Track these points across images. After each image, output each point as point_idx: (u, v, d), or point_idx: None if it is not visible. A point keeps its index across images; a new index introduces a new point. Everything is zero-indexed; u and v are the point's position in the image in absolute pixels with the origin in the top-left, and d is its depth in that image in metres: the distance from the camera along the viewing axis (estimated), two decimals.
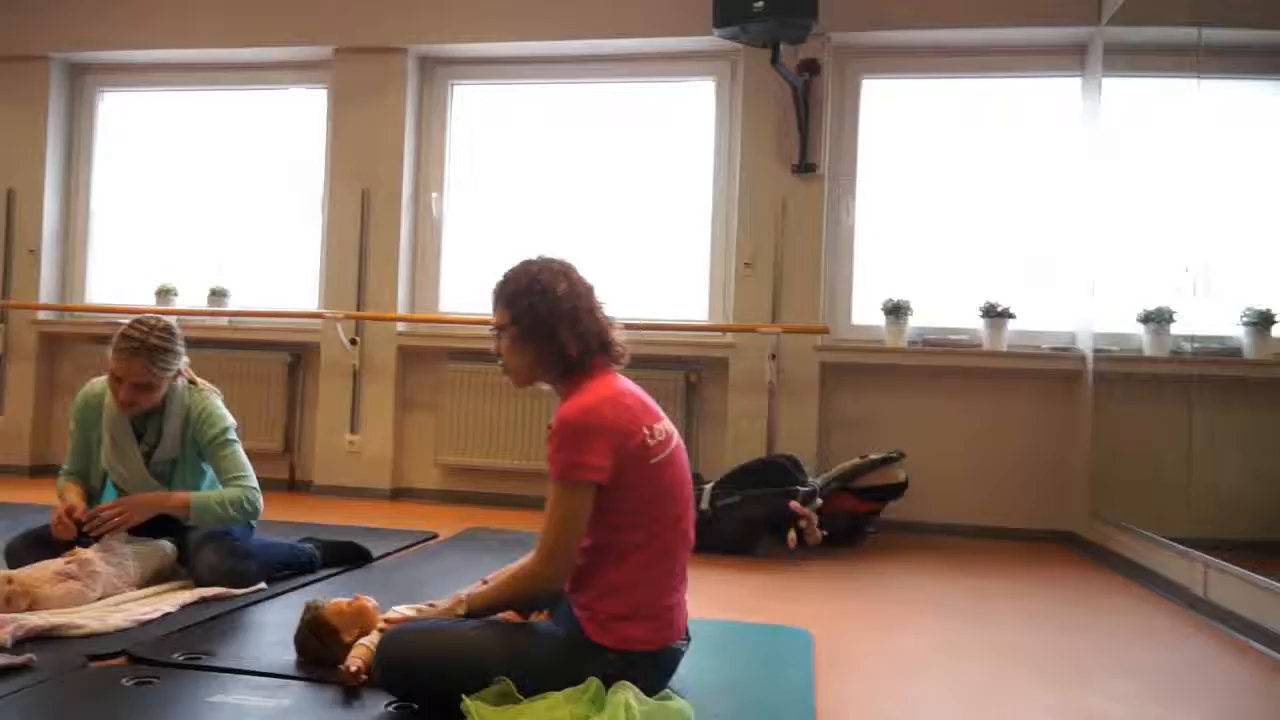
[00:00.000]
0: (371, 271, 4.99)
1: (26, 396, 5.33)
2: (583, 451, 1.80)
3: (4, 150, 5.38)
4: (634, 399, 1.91)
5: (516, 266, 1.99)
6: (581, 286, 1.96)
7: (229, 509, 2.73)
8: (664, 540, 1.88)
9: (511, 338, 1.95)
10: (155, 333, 2.67)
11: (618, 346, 1.97)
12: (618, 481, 1.82)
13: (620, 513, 1.83)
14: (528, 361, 1.95)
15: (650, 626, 1.86)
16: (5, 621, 2.12)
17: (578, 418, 1.83)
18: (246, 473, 2.80)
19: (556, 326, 1.89)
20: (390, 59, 4.98)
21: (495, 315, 1.99)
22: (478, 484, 4.90)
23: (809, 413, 4.54)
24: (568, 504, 1.82)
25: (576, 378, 1.92)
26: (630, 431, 1.84)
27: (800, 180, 4.60)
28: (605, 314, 1.98)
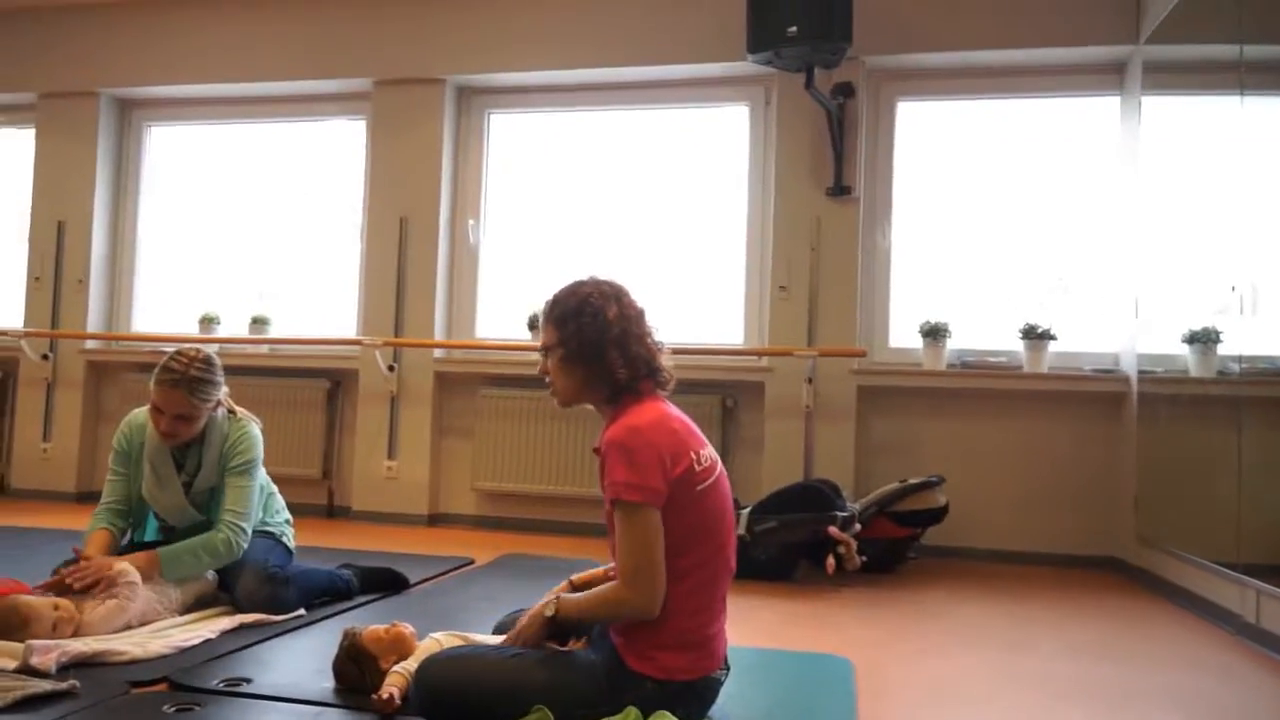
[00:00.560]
0: (409, 298, 5.04)
1: (74, 424, 5.44)
2: (634, 472, 1.78)
3: (55, 183, 5.53)
4: (680, 424, 1.90)
5: (567, 287, 1.99)
6: (632, 310, 1.95)
7: (203, 556, 2.69)
8: (707, 569, 1.86)
9: (559, 359, 1.95)
10: (195, 364, 2.71)
11: (665, 373, 1.96)
12: (666, 508, 1.80)
13: (667, 540, 1.81)
14: (575, 383, 1.95)
15: (691, 656, 1.84)
16: (50, 648, 2.15)
17: (626, 438, 1.82)
18: (245, 510, 2.76)
19: (606, 350, 1.89)
20: (429, 89, 5.06)
21: (544, 335, 1.99)
22: (514, 510, 4.90)
23: (846, 437, 4.50)
24: (638, 528, 1.78)
25: (623, 402, 1.91)
26: (678, 456, 1.83)
27: (835, 203, 4.58)
28: (655, 339, 1.97)
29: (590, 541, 4.52)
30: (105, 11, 5.47)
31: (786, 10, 4.09)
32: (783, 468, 4.47)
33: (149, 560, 2.64)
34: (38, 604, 2.36)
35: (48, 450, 5.45)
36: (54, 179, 5.53)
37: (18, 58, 5.59)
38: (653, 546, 1.78)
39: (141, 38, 5.42)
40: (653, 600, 1.79)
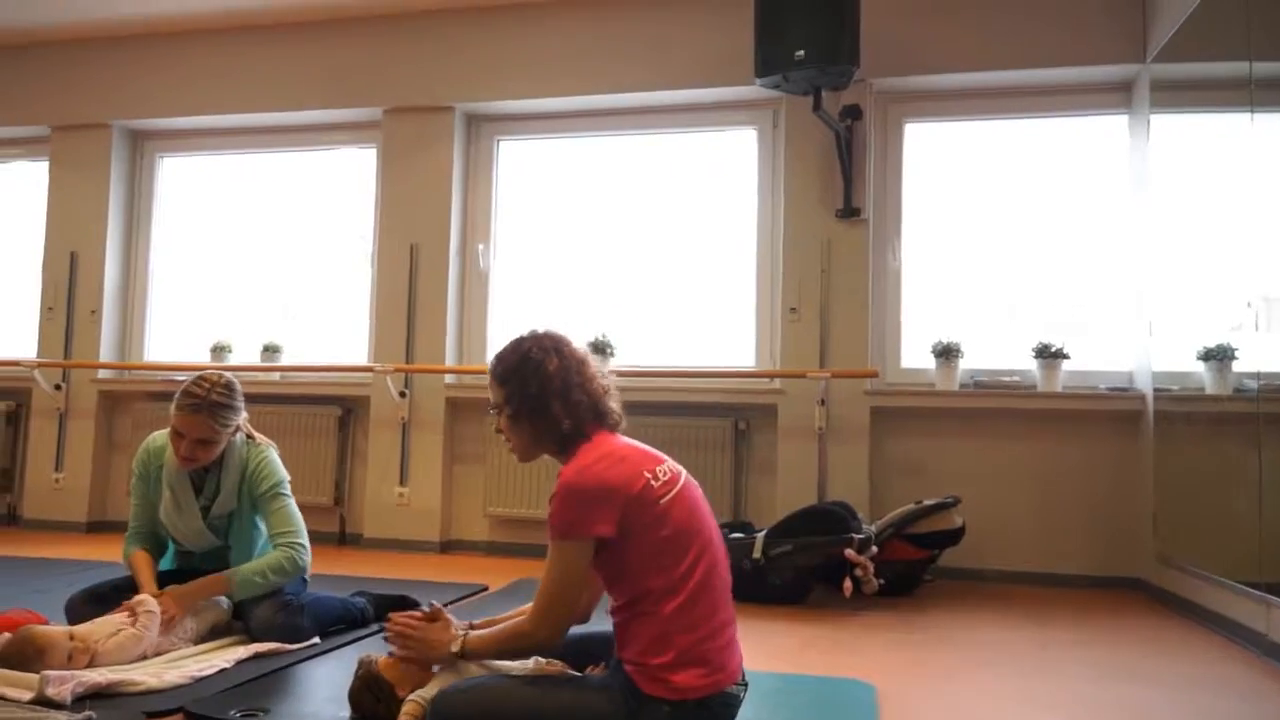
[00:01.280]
0: (420, 325, 5.05)
1: (85, 454, 5.44)
2: (579, 510, 1.82)
3: (68, 214, 5.57)
4: (630, 450, 1.93)
5: (509, 345, 2.03)
6: (573, 360, 1.98)
7: (271, 576, 2.73)
8: (691, 583, 1.83)
9: (508, 416, 1.99)
10: (216, 389, 2.72)
11: (613, 415, 1.99)
12: (630, 530, 1.82)
13: (639, 561, 1.83)
14: (526, 438, 1.99)
15: (699, 671, 1.81)
16: (65, 678, 2.14)
17: (574, 479, 1.86)
18: (295, 528, 2.81)
19: (549, 403, 1.92)
20: (438, 117, 5.09)
21: (492, 394, 2.03)
22: (527, 536, 4.88)
23: (860, 458, 4.48)
24: (561, 562, 1.85)
25: (572, 448, 1.94)
26: (630, 479, 1.85)
27: (845, 225, 4.59)
28: (601, 380, 1.99)
29: None
30: (117, 44, 5.53)
31: (794, 34, 4.11)
32: (796, 490, 4.45)
33: (222, 582, 2.69)
34: (53, 634, 2.34)
35: (60, 480, 5.45)
36: (67, 210, 5.58)
37: (31, 91, 5.65)
38: (568, 582, 1.85)
39: (153, 70, 5.48)
40: (555, 634, 1.88)
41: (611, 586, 1.90)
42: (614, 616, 1.89)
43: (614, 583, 1.88)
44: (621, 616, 1.86)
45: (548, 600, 1.86)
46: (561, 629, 1.87)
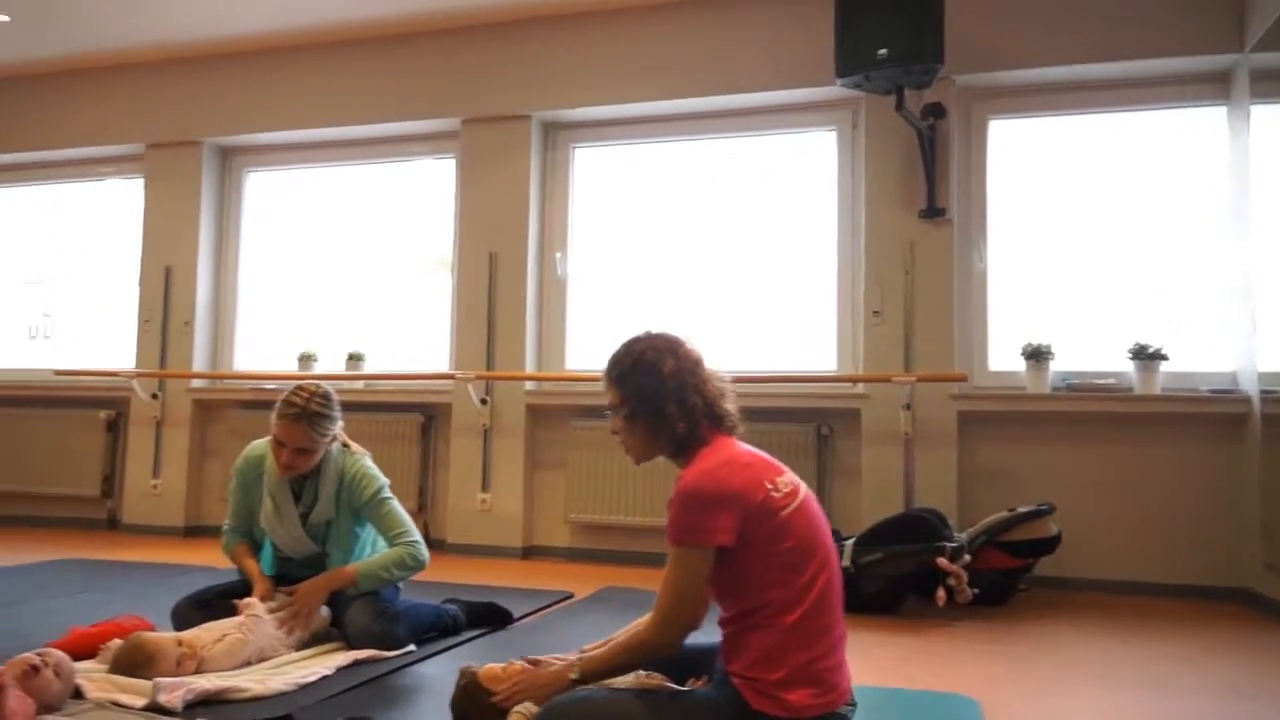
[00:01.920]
0: (500, 332, 5.09)
1: (181, 461, 5.61)
2: (700, 516, 1.80)
3: (162, 230, 5.76)
4: (751, 458, 1.90)
5: (623, 346, 2.02)
6: (688, 361, 1.96)
7: (395, 570, 2.81)
8: (810, 597, 1.81)
9: (623, 418, 1.98)
10: (315, 399, 2.78)
11: (730, 417, 1.97)
12: (750, 541, 1.79)
13: (758, 572, 1.80)
14: (641, 439, 1.98)
15: (812, 691, 1.78)
16: (176, 685, 2.19)
17: (695, 483, 1.83)
18: (407, 527, 2.88)
19: (664, 404, 1.91)
20: (515, 126, 5.13)
21: (607, 395, 2.02)
22: (609, 542, 4.88)
23: (947, 464, 4.38)
24: (682, 569, 1.82)
25: (690, 451, 1.92)
26: (751, 489, 1.82)
27: (929, 225, 4.49)
28: (717, 383, 1.97)
29: None
30: (205, 64, 5.70)
31: (876, 33, 4.04)
32: (882, 497, 4.37)
33: (349, 576, 2.76)
34: (162, 641, 2.41)
35: (157, 486, 5.63)
36: (161, 226, 5.77)
37: (125, 110, 5.86)
38: (689, 590, 1.81)
39: (239, 87, 5.63)
40: (675, 642, 1.84)
41: (723, 596, 1.87)
42: (723, 627, 1.87)
43: (727, 593, 1.85)
44: (732, 628, 1.83)
45: (668, 608, 1.82)
46: (681, 637, 1.83)
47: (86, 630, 2.62)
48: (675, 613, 1.82)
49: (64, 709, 2.07)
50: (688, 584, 1.81)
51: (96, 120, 5.91)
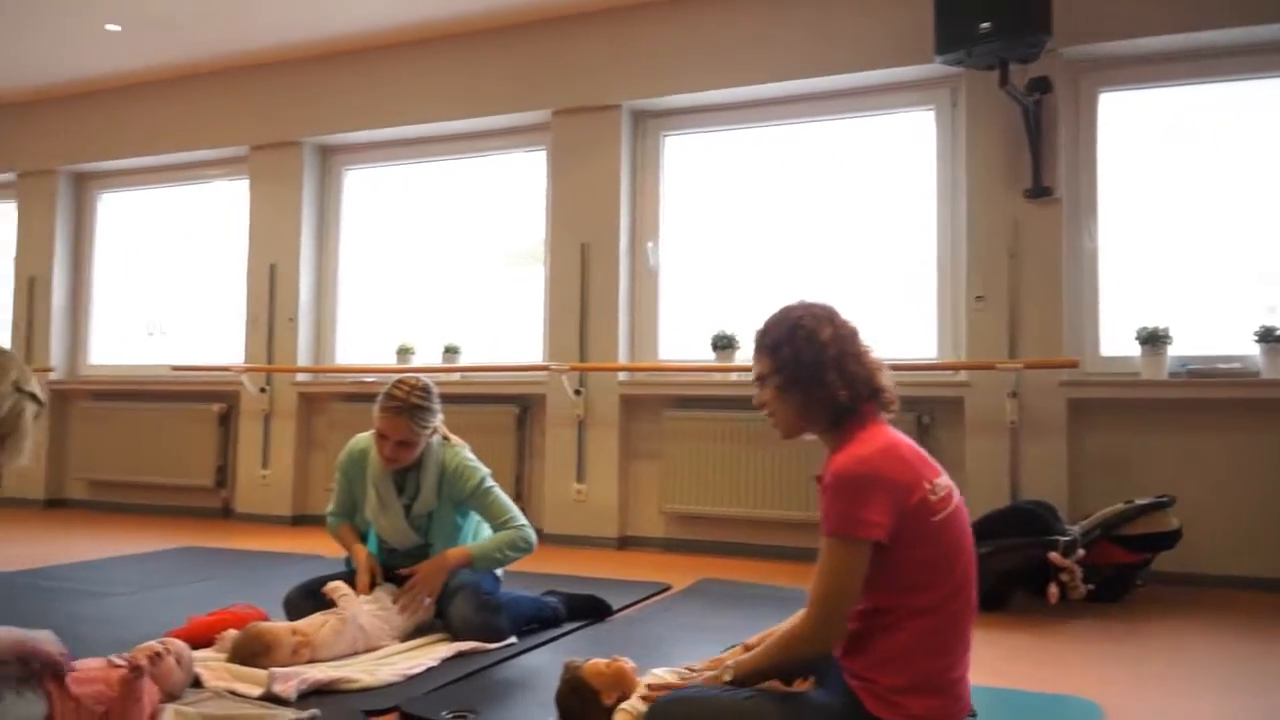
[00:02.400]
0: (592, 323, 5.10)
1: (288, 452, 5.80)
2: (859, 506, 1.69)
3: (267, 229, 5.95)
4: (911, 451, 1.80)
5: (777, 314, 1.92)
6: (846, 330, 1.87)
7: (508, 552, 2.87)
8: (949, 606, 1.74)
9: (775, 387, 1.88)
10: (415, 393, 2.83)
11: (888, 392, 1.86)
12: (899, 541, 1.70)
13: (903, 575, 1.71)
14: (793, 411, 1.87)
15: (935, 701, 1.72)
16: (290, 675, 2.25)
17: (854, 469, 1.73)
18: (514, 513, 2.93)
19: (823, 372, 1.81)
20: (605, 116, 5.12)
21: (756, 365, 1.92)
22: (704, 533, 4.86)
23: (1056, 454, 4.20)
24: (841, 562, 1.71)
25: (847, 428, 1.82)
26: (910, 486, 1.72)
27: (1035, 205, 4.31)
28: (874, 357, 1.87)
29: (787, 566, 4.42)
30: (305, 66, 5.85)
31: (976, 6, 3.89)
32: (986, 489, 4.23)
33: (464, 556, 2.83)
34: (279, 630, 2.48)
35: (266, 477, 5.83)
36: (266, 225, 5.95)
37: (230, 114, 6.05)
38: (850, 584, 1.71)
39: (337, 88, 5.76)
40: (831, 639, 1.75)
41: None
42: (849, 624, 1.77)
43: (864, 589, 1.74)
44: (859, 624, 1.75)
45: (825, 604, 1.72)
46: (839, 634, 1.73)
47: (204, 619, 2.72)
48: (833, 608, 1.72)
49: (184, 697, 2.15)
50: (845, 577, 1.70)
51: (204, 125, 6.13)
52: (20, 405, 1.83)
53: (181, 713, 2.04)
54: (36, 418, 1.88)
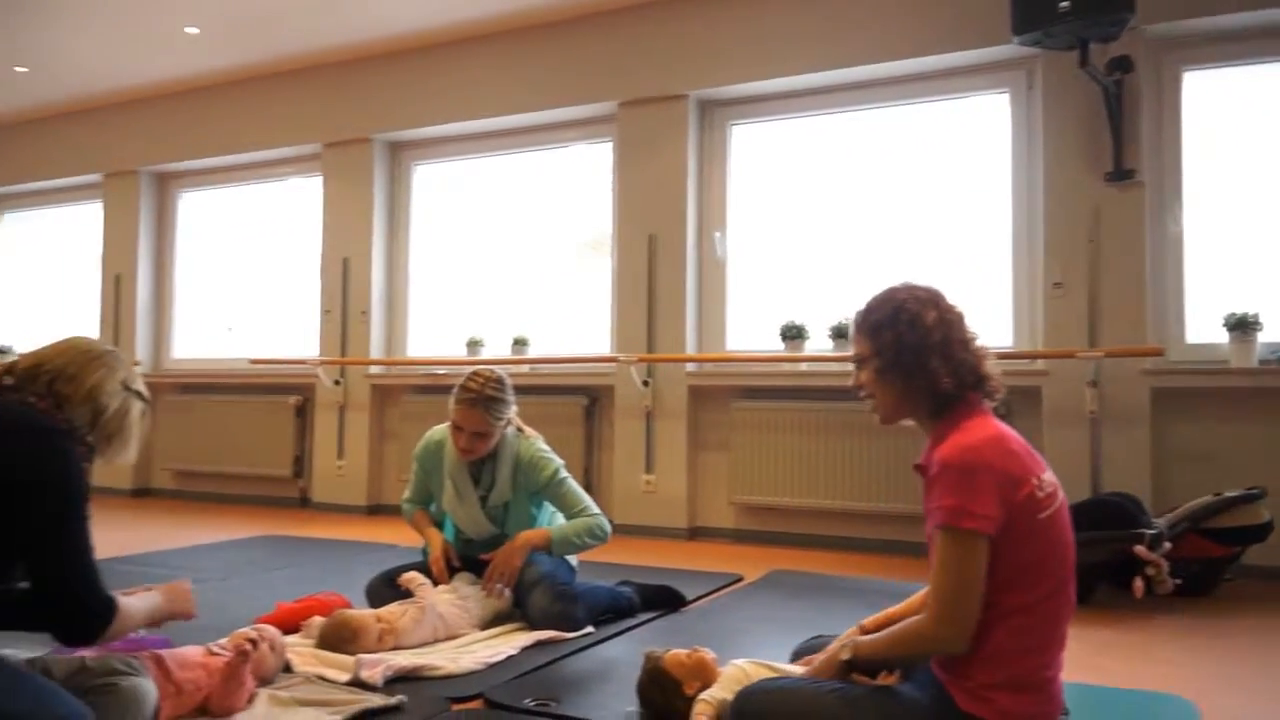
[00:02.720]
0: (660, 314, 5.10)
1: (362, 443, 5.92)
2: (969, 497, 1.64)
3: (340, 224, 6.07)
4: (1019, 444, 1.75)
5: (880, 295, 1.88)
6: (952, 314, 1.81)
7: (586, 538, 2.90)
8: (1049, 605, 1.70)
9: (875, 371, 1.84)
10: (490, 384, 2.86)
11: (993, 380, 1.81)
12: (1005, 535, 1.65)
13: (1004, 572, 1.66)
14: (894, 396, 1.83)
15: (1030, 699, 1.69)
16: (376, 662, 2.30)
17: (962, 458, 1.67)
18: (588, 503, 2.96)
19: (927, 358, 1.76)
20: (672, 107, 5.11)
21: (856, 347, 1.89)
22: (774, 523, 4.84)
23: (1139, 445, 4.09)
24: (958, 556, 1.65)
25: (950, 416, 1.77)
26: (1019, 479, 1.67)
27: (1116, 189, 4.19)
28: (980, 344, 1.83)
29: (857, 557, 4.38)
30: (374, 63, 5.94)
31: None
32: (1066, 480, 3.98)
33: (542, 537, 2.85)
34: (365, 618, 2.54)
35: (342, 467, 5.96)
36: (338, 220, 6.07)
37: (304, 112, 6.18)
38: (972, 579, 1.65)
39: (405, 84, 5.84)
40: (961, 637, 1.66)
41: None
42: None
43: None
44: None
45: (948, 599, 1.65)
46: (966, 631, 1.65)
47: (292, 606, 2.80)
48: (956, 605, 1.65)
49: (276, 681, 2.21)
50: (966, 571, 1.64)
51: (278, 124, 6.27)
52: (128, 403, 1.91)
53: (275, 697, 2.10)
54: (142, 415, 1.95)
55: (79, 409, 1.82)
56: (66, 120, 7.12)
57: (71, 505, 1.73)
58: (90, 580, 1.74)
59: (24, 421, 1.74)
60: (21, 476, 1.67)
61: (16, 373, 1.83)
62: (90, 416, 1.84)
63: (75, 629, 1.76)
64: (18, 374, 1.82)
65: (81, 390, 1.83)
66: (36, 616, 1.74)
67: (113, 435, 1.88)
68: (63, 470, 1.72)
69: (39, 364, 1.84)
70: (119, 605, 1.78)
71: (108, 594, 1.77)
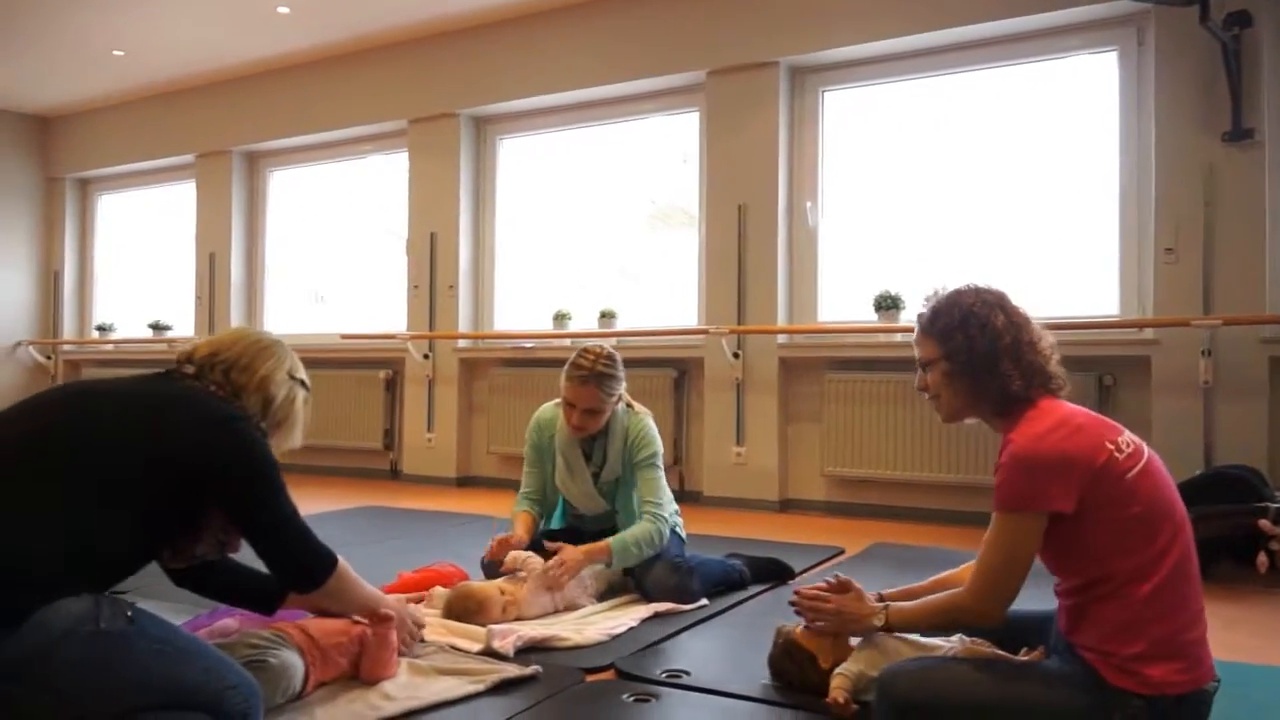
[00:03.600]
0: (750, 285, 5.06)
1: (451, 416, 6.01)
2: (1034, 483, 1.70)
3: (427, 199, 6.13)
4: (1086, 418, 1.77)
5: (946, 298, 1.92)
6: (1018, 317, 1.86)
7: (643, 548, 2.81)
8: (1165, 564, 1.67)
9: (944, 374, 1.88)
10: (601, 361, 2.86)
11: (1058, 379, 1.85)
12: (1092, 507, 1.68)
13: (1103, 540, 1.68)
14: (961, 398, 1.89)
15: (1176, 666, 1.66)
16: (507, 633, 2.34)
17: (1029, 449, 1.73)
18: (661, 500, 2.89)
19: (998, 361, 1.81)
20: (761, 74, 5.03)
21: (921, 349, 1.93)
22: (868, 496, 4.80)
23: (1257, 416, 3.95)
24: (1010, 536, 1.73)
25: (1015, 412, 1.82)
26: (1092, 452, 1.70)
27: (1234, 149, 4.02)
28: (1047, 344, 1.86)
29: (953, 529, 4.33)
30: (458, 38, 5.95)
31: None
32: (1177, 452, 3.99)
33: (604, 550, 2.79)
34: (489, 590, 2.59)
35: (431, 440, 6.07)
36: (425, 195, 6.13)
37: (388, 89, 6.23)
38: (1020, 558, 1.73)
39: (489, 58, 5.85)
40: (995, 613, 1.77)
41: (1062, 565, 1.77)
42: (1064, 598, 1.77)
43: (1067, 561, 1.75)
44: (1076, 599, 1.73)
45: (992, 575, 1.75)
46: (1003, 608, 1.76)
47: (412, 576, 2.87)
48: (999, 581, 1.75)
49: (412, 651, 2.26)
50: (1013, 551, 1.73)
51: (364, 101, 6.34)
52: (294, 392, 1.97)
53: (415, 665, 2.15)
54: (305, 402, 2.01)
55: (251, 397, 1.90)
56: (161, 102, 7.30)
57: (262, 480, 1.81)
58: (302, 542, 1.88)
59: (214, 409, 1.81)
60: (210, 462, 1.74)
61: (195, 361, 1.90)
62: (261, 405, 1.91)
63: (298, 582, 1.94)
64: (196, 362, 1.89)
65: (254, 379, 1.90)
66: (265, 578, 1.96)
67: (281, 422, 1.95)
68: (251, 449, 1.80)
69: (214, 353, 1.91)
70: (339, 563, 1.94)
71: (325, 549, 1.92)
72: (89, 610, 1.54)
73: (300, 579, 1.92)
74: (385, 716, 1.89)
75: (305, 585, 1.92)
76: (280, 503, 1.83)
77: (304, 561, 1.89)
